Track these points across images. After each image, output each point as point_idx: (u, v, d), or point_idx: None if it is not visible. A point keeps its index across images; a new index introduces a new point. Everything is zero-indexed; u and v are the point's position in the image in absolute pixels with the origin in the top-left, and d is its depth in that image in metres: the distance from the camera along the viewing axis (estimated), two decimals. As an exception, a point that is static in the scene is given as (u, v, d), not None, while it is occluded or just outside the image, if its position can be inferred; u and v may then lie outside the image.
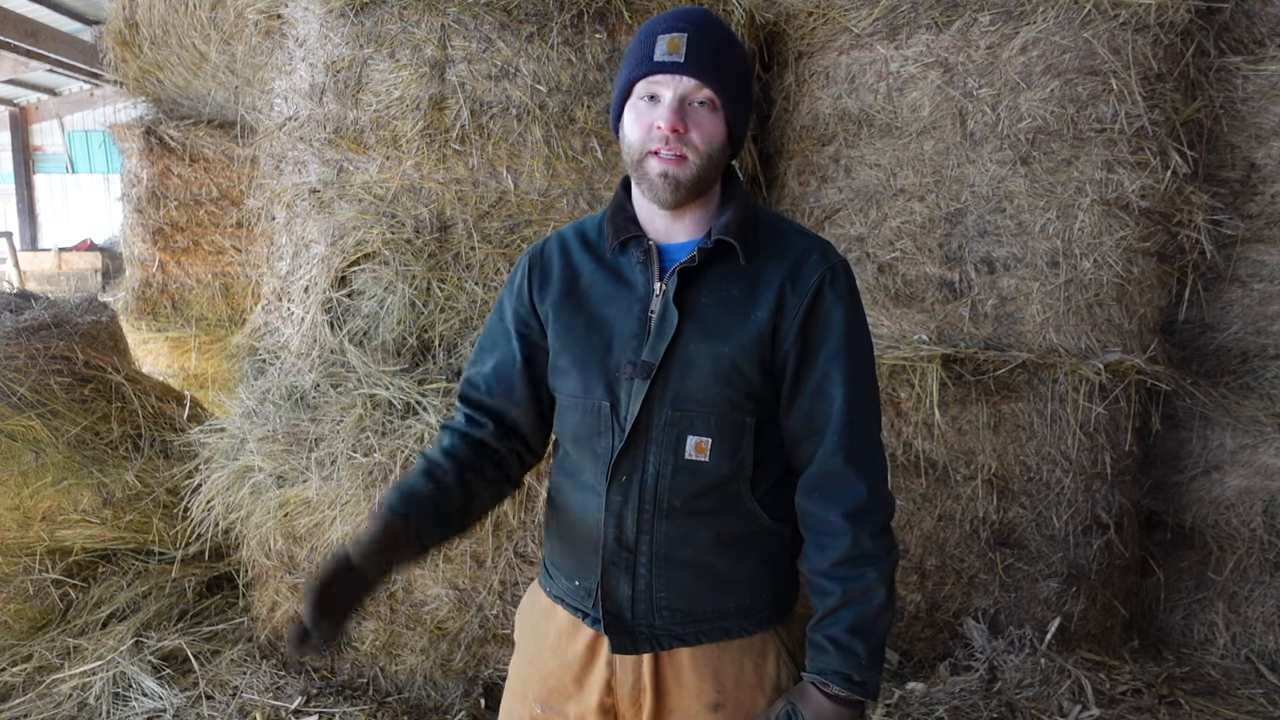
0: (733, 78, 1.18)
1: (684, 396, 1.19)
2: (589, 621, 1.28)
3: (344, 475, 2.41)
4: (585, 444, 1.25)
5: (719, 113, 1.17)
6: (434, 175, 2.56)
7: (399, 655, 2.55)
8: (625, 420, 1.20)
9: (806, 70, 2.97)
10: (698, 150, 1.16)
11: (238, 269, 5.03)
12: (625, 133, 1.20)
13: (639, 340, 1.20)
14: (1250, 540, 2.90)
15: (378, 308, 2.60)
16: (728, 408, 1.19)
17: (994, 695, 2.55)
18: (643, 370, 1.19)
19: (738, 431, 1.20)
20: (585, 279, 1.27)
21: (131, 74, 4.74)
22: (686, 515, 1.20)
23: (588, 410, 1.24)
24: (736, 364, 1.18)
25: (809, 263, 1.21)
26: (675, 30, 1.16)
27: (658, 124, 1.15)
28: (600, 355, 1.22)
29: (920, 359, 2.64)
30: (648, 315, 1.21)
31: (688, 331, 1.19)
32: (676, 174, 1.15)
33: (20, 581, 2.88)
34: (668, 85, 1.15)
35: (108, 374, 3.21)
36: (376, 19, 2.52)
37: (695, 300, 1.20)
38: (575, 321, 1.25)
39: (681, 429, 1.19)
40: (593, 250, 1.29)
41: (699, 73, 1.14)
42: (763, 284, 1.20)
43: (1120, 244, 2.67)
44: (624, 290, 1.24)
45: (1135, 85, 2.58)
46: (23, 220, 13.82)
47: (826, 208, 2.93)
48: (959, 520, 2.74)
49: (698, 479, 1.20)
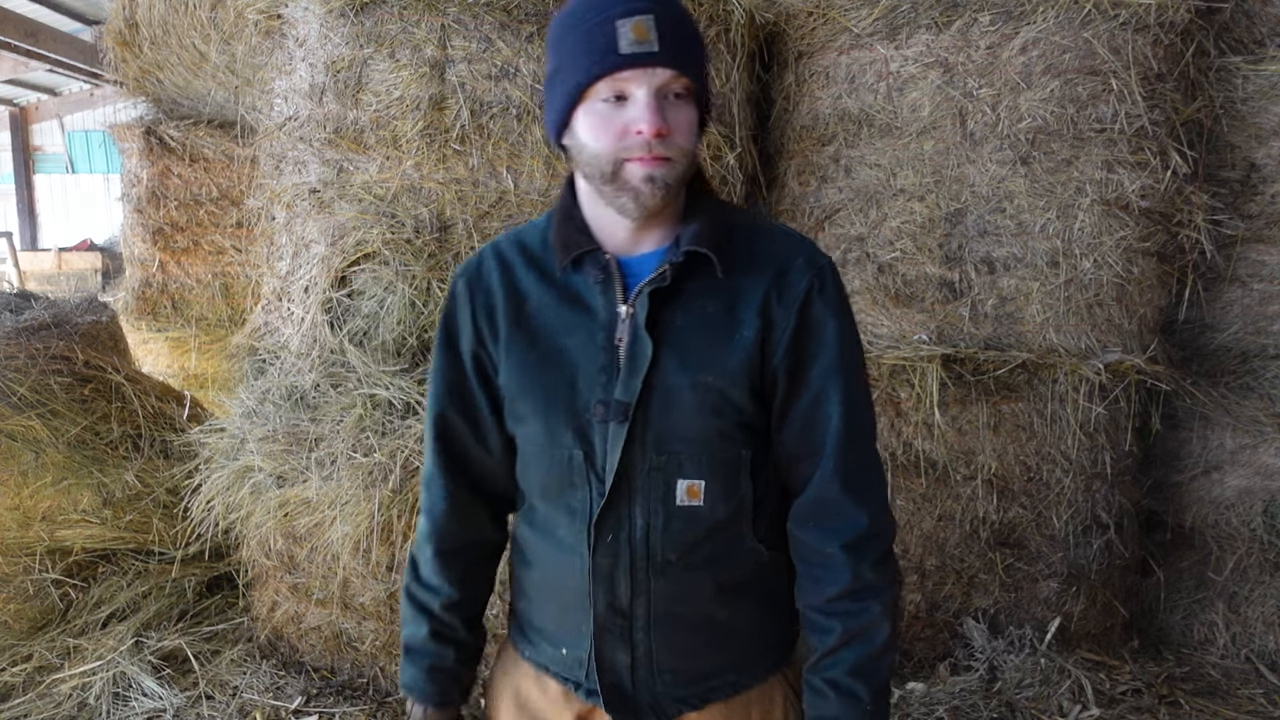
0: (703, 57, 1.02)
1: (668, 436, 1.03)
2: (582, 693, 1.14)
3: (344, 475, 2.41)
4: (557, 498, 1.09)
5: (691, 103, 1.00)
6: (434, 175, 2.56)
7: (399, 655, 2.55)
8: (604, 471, 1.04)
9: (806, 70, 2.97)
10: (682, 149, 0.99)
11: (238, 269, 5.03)
12: (583, 142, 0.99)
13: (608, 375, 1.03)
14: (1250, 540, 2.90)
15: (378, 308, 2.60)
16: (719, 443, 1.04)
17: (994, 695, 2.55)
18: (617, 411, 1.02)
19: (733, 468, 1.05)
20: (533, 304, 1.08)
21: (131, 74, 4.74)
22: (684, 569, 1.06)
23: (556, 461, 1.07)
24: (725, 394, 1.03)
25: (794, 269, 1.06)
26: (639, 12, 0.95)
27: (636, 129, 0.95)
28: (564, 395, 1.05)
29: (920, 359, 2.64)
30: (614, 345, 1.04)
31: (665, 361, 1.02)
32: (665, 177, 0.98)
33: (20, 581, 2.88)
34: (640, 80, 0.95)
35: (108, 374, 3.21)
36: (376, 19, 2.52)
37: (669, 324, 1.03)
38: (528, 358, 1.07)
39: (669, 473, 1.04)
40: (539, 268, 1.09)
41: (675, 61, 0.96)
42: (744, 299, 1.04)
43: (1120, 244, 2.67)
44: (582, 316, 1.06)
45: (1135, 85, 2.58)
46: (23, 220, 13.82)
47: (826, 208, 2.93)
48: (959, 520, 2.74)
49: (694, 527, 1.05)
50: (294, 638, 2.69)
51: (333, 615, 2.59)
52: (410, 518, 2.36)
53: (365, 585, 2.52)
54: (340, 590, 2.54)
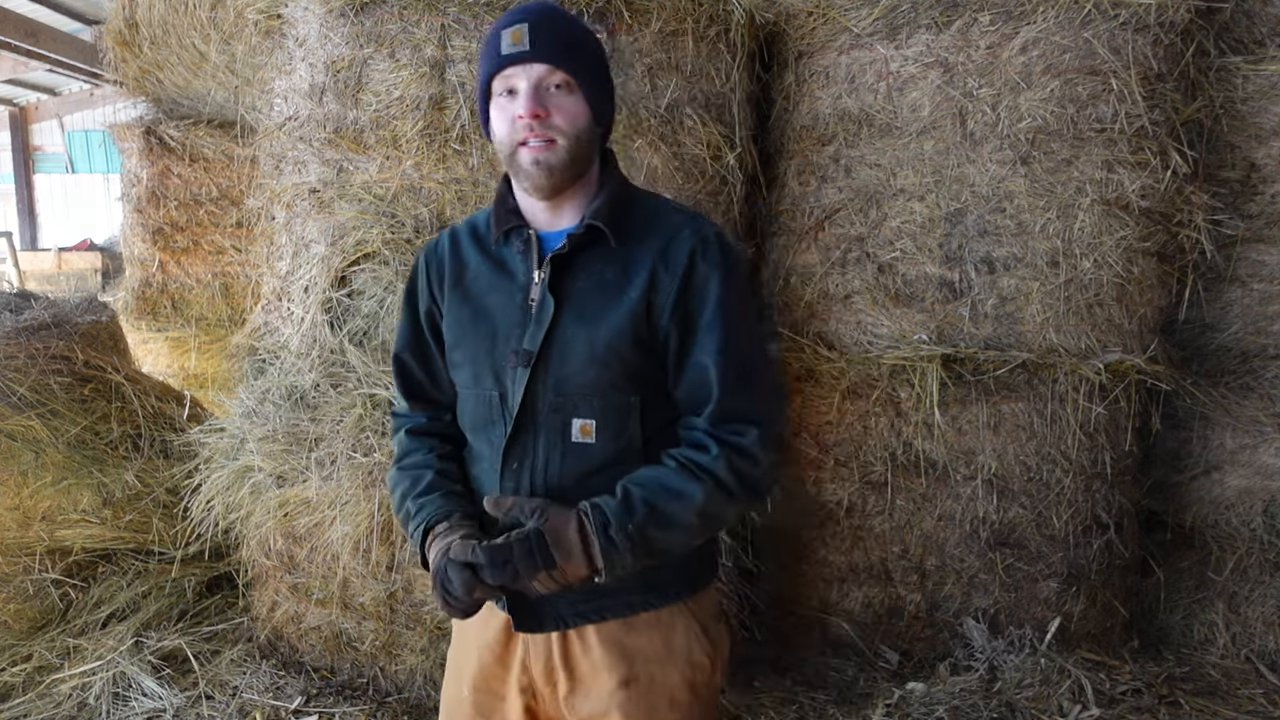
0: (584, 57, 1.21)
1: (565, 381, 1.21)
2: (500, 605, 1.30)
3: (344, 475, 2.41)
4: (481, 433, 1.29)
5: (577, 93, 1.19)
6: (434, 175, 2.56)
7: (399, 655, 2.55)
8: (512, 408, 1.22)
9: (806, 70, 2.97)
10: (563, 132, 1.18)
11: (238, 269, 5.02)
12: (494, 132, 1.22)
13: (521, 329, 1.23)
14: (1250, 540, 2.90)
15: (378, 308, 2.60)
16: (609, 389, 1.21)
17: (994, 695, 2.55)
18: (524, 358, 1.21)
19: (622, 412, 1.21)
20: (471, 270, 1.31)
21: (131, 74, 4.74)
22: (578, 496, 1.19)
23: (480, 400, 1.27)
24: (612, 346, 1.19)
25: (679, 237, 1.22)
26: (515, 23, 1.18)
27: (518, 114, 1.17)
28: (488, 345, 1.25)
29: (920, 359, 2.64)
30: (529, 303, 1.23)
31: (564, 317, 1.21)
32: (548, 159, 1.18)
33: (20, 581, 2.88)
34: (521, 76, 1.17)
35: (108, 374, 3.21)
36: (376, 19, 2.52)
37: (571, 286, 1.22)
38: (463, 314, 1.29)
39: (566, 413, 1.21)
40: (480, 242, 1.32)
41: (547, 57, 1.16)
42: (635, 264, 1.22)
43: (1120, 244, 2.66)
44: (506, 280, 1.27)
45: (1135, 85, 2.58)
46: (23, 220, 13.82)
47: (826, 208, 2.93)
48: (959, 520, 2.74)
49: (586, 460, 1.22)
50: (294, 638, 2.69)
51: (333, 615, 2.59)
52: (410, 518, 2.36)
53: (365, 585, 2.52)
54: (340, 590, 2.54)
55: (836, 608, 2.90)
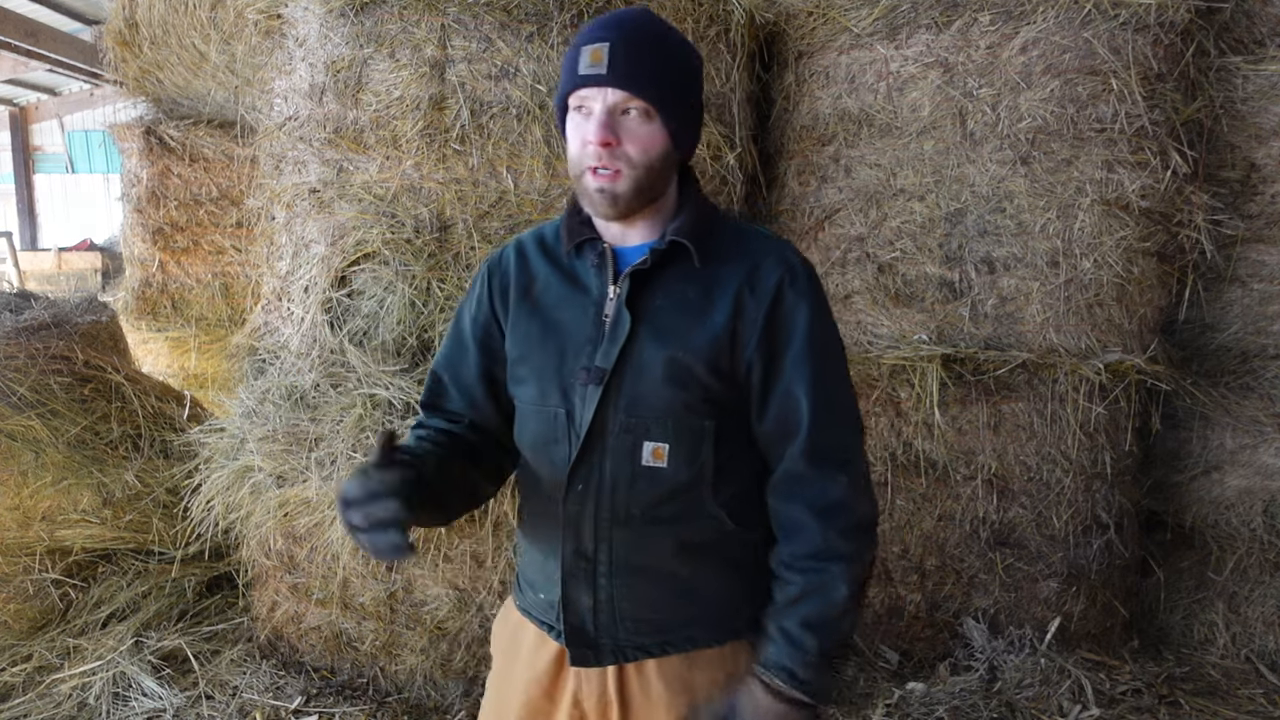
0: (667, 83, 1.13)
1: (638, 402, 1.15)
2: (554, 635, 1.25)
3: (344, 475, 2.41)
4: (542, 452, 1.22)
5: (655, 121, 1.12)
6: (434, 175, 2.56)
7: (399, 655, 2.55)
8: (580, 427, 1.16)
9: (806, 70, 2.97)
10: (632, 162, 1.12)
11: (238, 269, 5.02)
12: (568, 144, 1.17)
13: (593, 345, 1.17)
14: (1250, 540, 2.90)
15: (378, 308, 2.60)
16: (684, 412, 1.16)
17: (994, 695, 2.55)
18: (595, 375, 1.16)
19: (696, 436, 1.16)
20: (540, 283, 1.25)
21: (131, 74, 4.74)
22: (645, 523, 1.17)
23: (544, 418, 1.21)
24: (690, 368, 1.14)
25: (766, 264, 1.17)
26: (597, 40, 1.11)
27: (588, 139, 1.11)
28: (556, 361, 1.20)
29: (920, 359, 2.64)
30: (602, 319, 1.18)
31: (641, 335, 1.16)
32: (613, 189, 1.12)
33: (20, 581, 2.88)
34: (595, 98, 1.11)
35: (108, 374, 3.21)
36: (376, 19, 2.52)
37: (649, 303, 1.17)
38: (531, 327, 1.23)
39: (637, 435, 1.16)
40: (550, 254, 1.26)
41: (625, 83, 1.10)
42: (719, 287, 1.17)
43: (1120, 244, 2.66)
44: (579, 294, 1.21)
45: (1135, 85, 2.58)
46: (23, 220, 13.81)
47: (826, 208, 2.93)
48: (959, 520, 2.74)
49: (656, 486, 1.16)
50: (294, 638, 2.69)
51: (333, 615, 2.59)
52: (410, 518, 2.36)
53: (365, 585, 2.52)
54: (340, 590, 2.54)
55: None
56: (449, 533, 2.41)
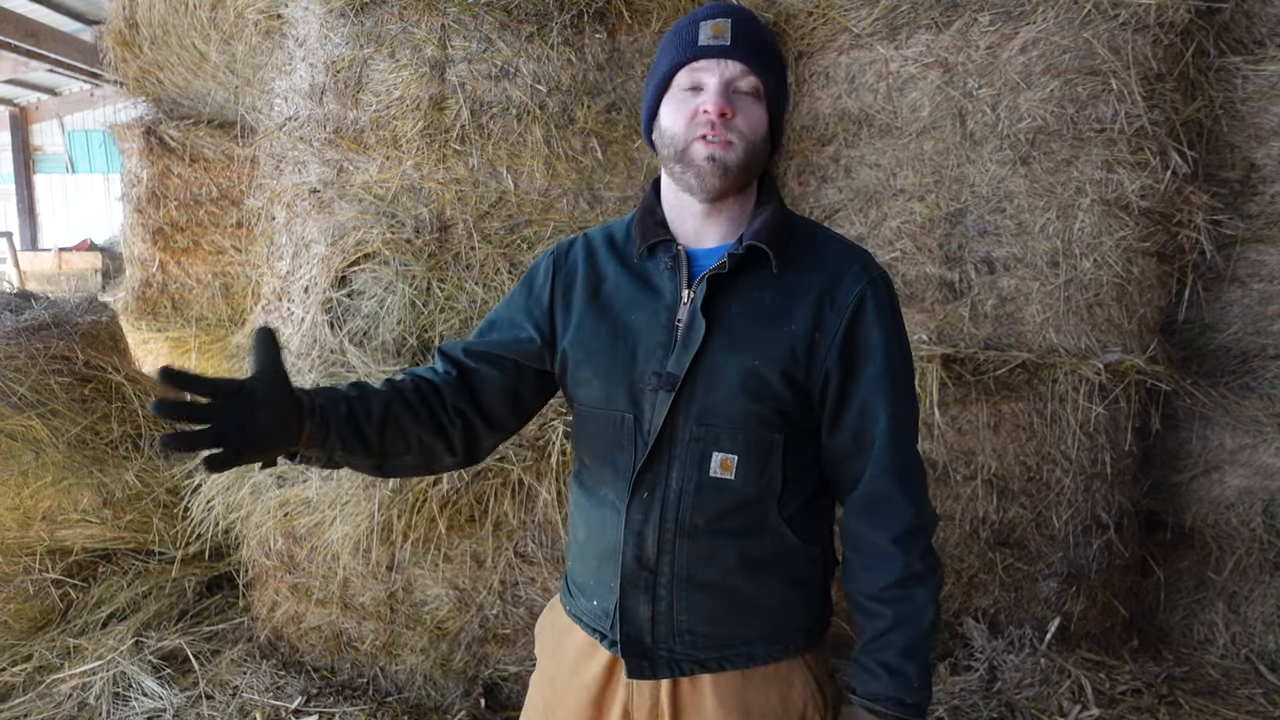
0: (775, 69, 1.15)
1: (710, 411, 1.13)
2: (606, 643, 1.22)
3: (344, 475, 2.41)
4: (605, 458, 1.19)
5: (762, 102, 1.13)
6: (434, 175, 2.56)
7: (399, 655, 2.55)
8: (649, 434, 1.14)
9: (806, 70, 2.97)
10: (743, 136, 1.11)
11: (238, 269, 5.03)
12: (664, 126, 1.14)
13: (665, 350, 1.14)
14: (1250, 540, 2.90)
15: (378, 308, 2.60)
16: (755, 424, 1.13)
17: (994, 695, 2.55)
18: (667, 382, 1.13)
19: (766, 449, 1.14)
20: (610, 284, 1.21)
21: (131, 74, 4.74)
22: (710, 535, 1.14)
23: (609, 422, 1.18)
24: (765, 378, 1.12)
25: (848, 275, 1.15)
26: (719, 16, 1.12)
27: (704, 108, 1.09)
28: (625, 365, 1.16)
29: (920, 359, 2.64)
30: (675, 324, 1.15)
31: (716, 343, 1.12)
32: (724, 158, 1.10)
33: (20, 581, 2.88)
34: (712, 70, 1.10)
35: (108, 374, 3.21)
36: (376, 19, 2.52)
37: (725, 310, 1.14)
38: (599, 329, 1.19)
39: (706, 444, 1.13)
40: (619, 254, 1.23)
41: (746, 57, 1.10)
42: (798, 295, 1.14)
43: (1120, 244, 2.67)
44: (651, 297, 1.18)
45: (1135, 85, 2.58)
46: (23, 220, 13.82)
47: (826, 208, 2.93)
48: (959, 520, 2.74)
49: (723, 497, 1.14)
50: (294, 638, 2.69)
51: (333, 615, 2.59)
52: (410, 517, 2.36)
53: (365, 585, 2.52)
54: (340, 590, 2.54)
55: (836, 607, 2.89)
56: (449, 533, 2.42)
